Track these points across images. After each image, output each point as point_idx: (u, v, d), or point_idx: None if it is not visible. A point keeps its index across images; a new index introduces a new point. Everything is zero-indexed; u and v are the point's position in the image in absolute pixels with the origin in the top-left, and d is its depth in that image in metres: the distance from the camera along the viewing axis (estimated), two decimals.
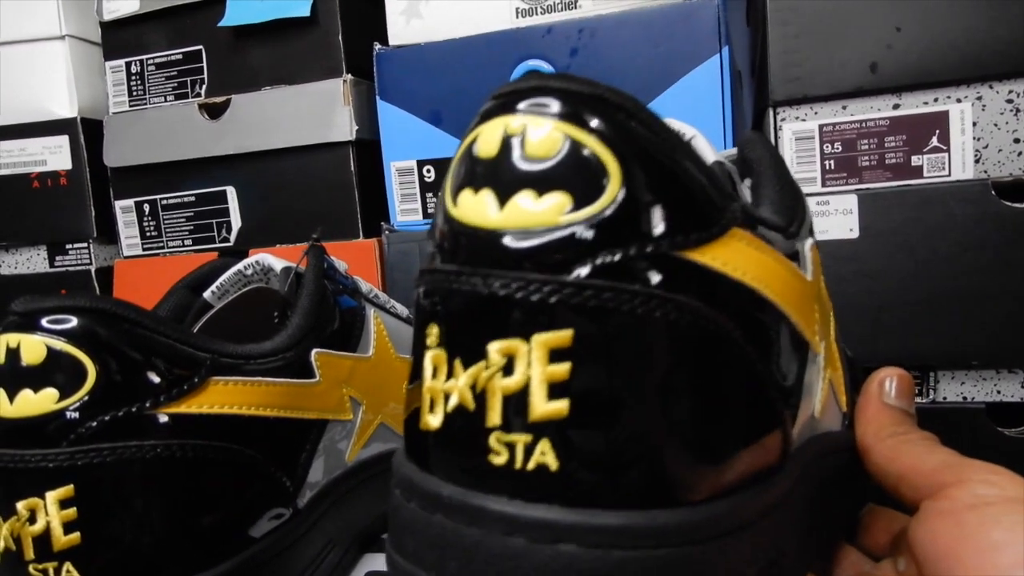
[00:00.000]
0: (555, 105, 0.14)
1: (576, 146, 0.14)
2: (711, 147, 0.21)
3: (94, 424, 0.22)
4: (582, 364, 0.14)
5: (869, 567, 0.22)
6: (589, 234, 0.14)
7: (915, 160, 0.38)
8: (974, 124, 0.37)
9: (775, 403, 0.16)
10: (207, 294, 0.31)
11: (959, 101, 0.37)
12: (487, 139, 0.15)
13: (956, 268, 0.37)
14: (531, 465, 0.14)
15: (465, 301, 0.15)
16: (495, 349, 0.14)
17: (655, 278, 0.14)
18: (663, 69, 0.41)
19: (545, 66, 0.44)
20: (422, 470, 0.16)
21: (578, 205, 0.14)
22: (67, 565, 0.22)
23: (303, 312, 0.28)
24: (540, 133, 0.14)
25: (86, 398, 0.22)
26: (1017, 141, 0.36)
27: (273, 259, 0.31)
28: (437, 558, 0.15)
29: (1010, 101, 0.36)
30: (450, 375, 0.15)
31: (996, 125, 0.37)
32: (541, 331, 0.14)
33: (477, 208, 0.14)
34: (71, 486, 0.21)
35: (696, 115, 0.41)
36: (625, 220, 0.14)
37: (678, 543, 0.14)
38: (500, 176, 0.14)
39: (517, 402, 0.14)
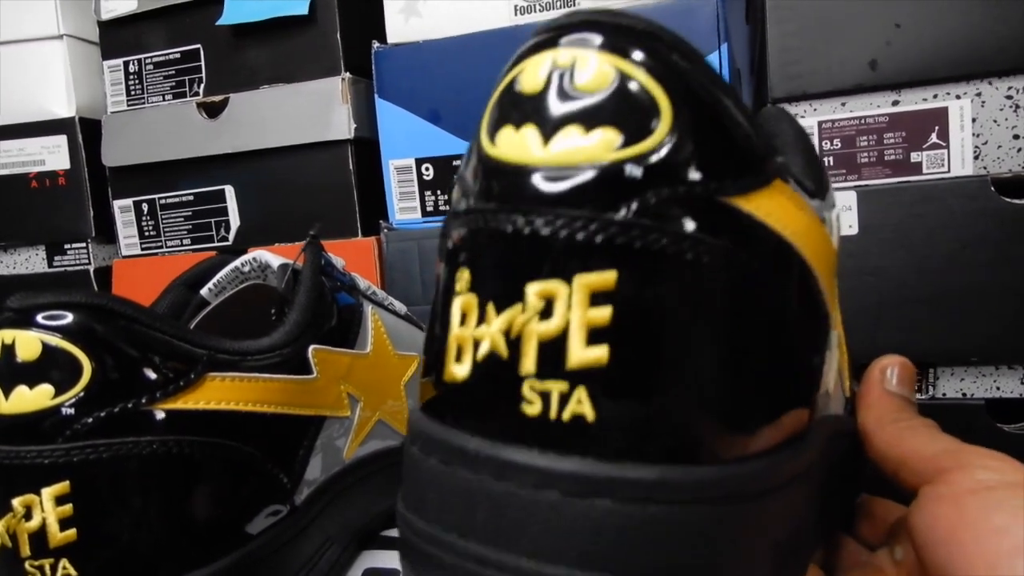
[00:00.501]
0: (606, 39, 0.14)
1: (628, 81, 0.13)
2: None
3: (90, 420, 0.22)
4: (624, 308, 0.13)
5: (866, 556, 0.22)
6: (638, 172, 0.13)
7: (914, 157, 0.38)
8: (973, 120, 0.37)
9: (810, 368, 0.16)
10: (204, 291, 0.30)
11: (958, 97, 0.37)
12: (531, 74, 0.14)
13: (955, 265, 0.37)
14: (566, 415, 0.13)
15: (502, 241, 0.14)
16: (533, 291, 0.13)
17: (702, 222, 0.14)
18: None
19: None
20: (444, 424, 0.15)
21: (628, 141, 0.13)
22: (63, 562, 0.21)
23: (300, 308, 0.28)
24: (590, 67, 0.13)
25: (82, 394, 0.22)
26: (1016, 137, 0.36)
27: (270, 256, 0.31)
28: (461, 515, 0.14)
29: (1009, 97, 0.36)
30: (481, 320, 0.14)
31: (995, 121, 0.36)
32: (584, 272, 0.13)
33: (519, 145, 0.14)
34: (67, 482, 0.21)
35: None
36: (675, 160, 0.13)
37: (717, 500, 0.14)
38: (545, 111, 0.14)
39: (554, 348, 0.13)
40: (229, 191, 0.53)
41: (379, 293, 0.34)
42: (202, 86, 0.53)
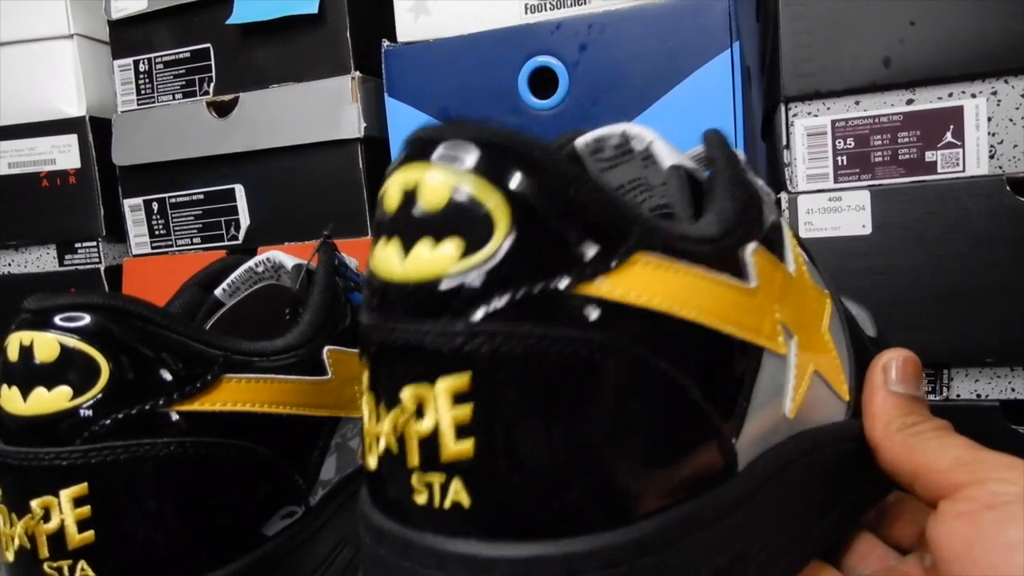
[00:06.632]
0: (446, 154, 0.15)
1: (463, 194, 0.15)
2: (671, 150, 0.21)
3: (107, 422, 0.22)
4: (481, 405, 0.14)
5: (895, 561, 0.22)
6: (479, 280, 0.14)
7: (929, 156, 0.37)
8: (989, 119, 0.36)
9: (699, 418, 0.17)
10: (218, 291, 0.30)
11: (974, 96, 0.37)
12: (391, 192, 0.15)
13: (970, 264, 0.37)
14: (447, 503, 0.15)
15: (380, 350, 0.16)
16: (407, 395, 0.15)
17: (549, 316, 0.15)
18: (673, 65, 0.41)
19: (554, 62, 0.43)
20: (373, 504, 0.17)
21: (468, 252, 0.14)
22: (81, 563, 0.21)
23: (315, 309, 0.28)
24: (431, 184, 0.15)
25: (99, 396, 0.22)
26: None
27: (284, 256, 0.31)
28: None
29: None
30: (378, 419, 0.16)
31: (1011, 120, 0.36)
32: (443, 376, 0.15)
33: (386, 259, 0.15)
34: (85, 484, 0.21)
35: (705, 112, 0.41)
36: (514, 263, 0.14)
37: (594, 568, 0.15)
38: (400, 228, 0.15)
39: (430, 444, 0.15)
40: (239, 190, 0.53)
41: None
42: (212, 85, 0.53)
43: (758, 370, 0.18)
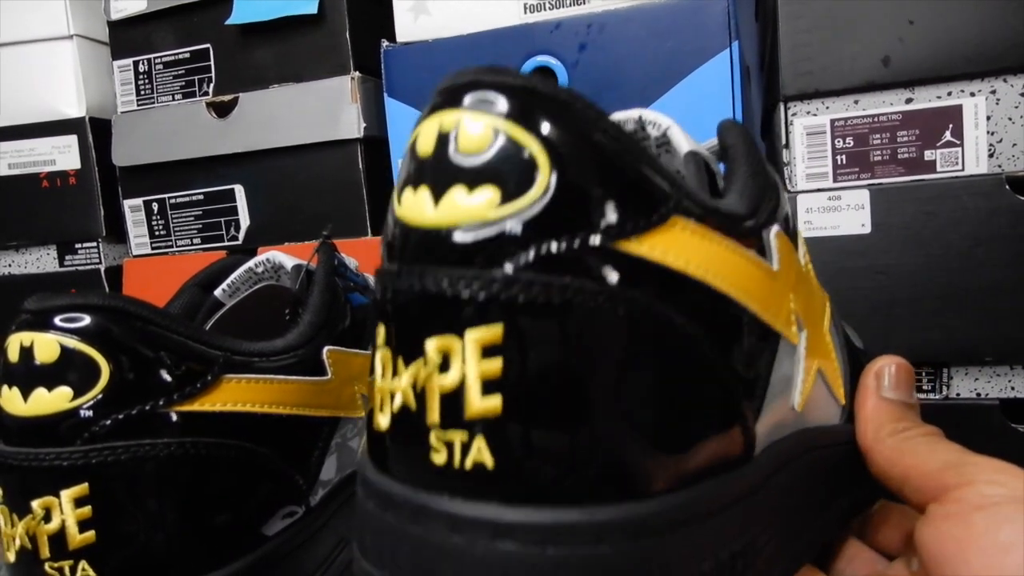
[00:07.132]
0: (486, 99, 0.14)
1: (506, 139, 0.14)
2: (687, 137, 0.21)
3: (108, 422, 0.22)
4: (512, 360, 0.14)
5: (882, 567, 0.22)
6: (519, 228, 0.14)
7: (928, 155, 0.37)
8: (988, 118, 0.36)
9: (727, 394, 0.16)
10: (218, 292, 0.31)
11: (973, 95, 0.37)
12: (424, 137, 0.15)
13: (969, 263, 0.37)
14: (468, 463, 0.14)
15: (404, 299, 0.15)
16: (432, 346, 0.14)
17: (587, 270, 0.14)
18: (672, 64, 0.41)
19: (553, 61, 0.43)
20: (378, 469, 0.16)
21: (508, 199, 0.14)
22: (82, 563, 0.22)
23: (314, 309, 0.28)
24: (471, 128, 0.14)
25: (100, 396, 0.22)
26: None
27: (284, 256, 0.31)
28: (390, 556, 0.15)
29: None
30: (395, 374, 0.15)
31: (1010, 119, 0.36)
32: (473, 327, 0.14)
33: (416, 206, 0.15)
34: (86, 484, 0.21)
35: (705, 111, 0.41)
36: (555, 213, 0.14)
37: (620, 538, 0.14)
38: (435, 173, 0.14)
39: (453, 400, 0.14)
40: (239, 190, 0.53)
41: None
42: (211, 85, 0.53)
43: (775, 356, 0.18)
